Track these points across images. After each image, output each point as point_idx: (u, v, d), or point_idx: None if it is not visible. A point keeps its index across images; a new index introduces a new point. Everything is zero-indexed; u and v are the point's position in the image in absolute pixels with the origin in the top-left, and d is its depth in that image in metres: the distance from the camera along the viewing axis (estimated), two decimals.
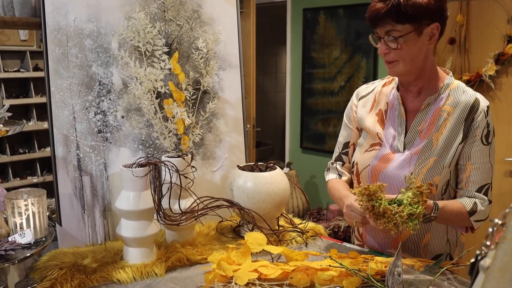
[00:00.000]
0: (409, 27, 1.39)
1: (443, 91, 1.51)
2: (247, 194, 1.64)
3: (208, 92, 1.84)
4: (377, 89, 1.65)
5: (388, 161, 1.54)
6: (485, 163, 1.49)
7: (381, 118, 1.60)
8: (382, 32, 1.43)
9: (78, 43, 1.62)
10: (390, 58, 1.46)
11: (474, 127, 1.47)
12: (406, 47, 1.41)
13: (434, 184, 1.48)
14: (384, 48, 1.44)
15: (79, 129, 1.62)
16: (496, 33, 2.92)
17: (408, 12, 1.36)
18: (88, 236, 1.63)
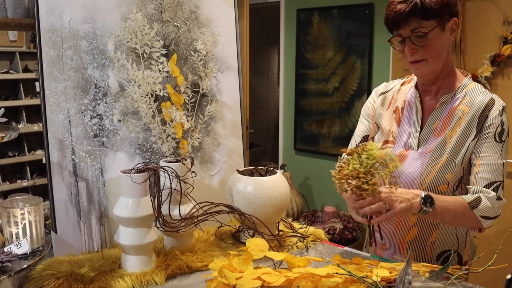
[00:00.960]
0: (433, 23, 1.42)
1: (460, 91, 1.53)
2: (247, 199, 1.60)
3: (206, 95, 1.81)
4: (395, 88, 1.68)
5: (403, 158, 1.56)
6: (496, 160, 1.47)
7: (397, 116, 1.62)
8: (407, 32, 1.44)
9: (73, 45, 1.57)
10: (418, 57, 1.46)
11: (488, 123, 1.48)
12: (434, 43, 1.44)
13: (446, 182, 1.51)
14: (412, 47, 1.45)
15: (75, 133, 1.57)
16: (491, 34, 2.91)
17: (433, 7, 1.40)
18: (84, 244, 1.58)
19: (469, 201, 1.45)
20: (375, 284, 1.22)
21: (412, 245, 1.61)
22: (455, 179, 1.52)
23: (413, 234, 1.60)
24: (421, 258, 1.60)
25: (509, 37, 2.81)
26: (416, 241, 1.60)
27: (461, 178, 1.53)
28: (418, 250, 1.61)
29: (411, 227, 1.60)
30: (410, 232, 1.61)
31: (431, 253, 1.60)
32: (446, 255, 1.59)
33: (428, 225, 1.59)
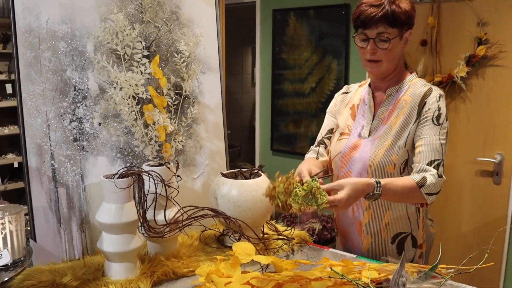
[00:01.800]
0: (396, 31, 1.60)
1: (405, 85, 1.70)
2: (233, 202, 1.58)
3: (188, 97, 1.77)
4: (354, 89, 1.88)
5: (356, 148, 1.72)
6: (435, 140, 1.60)
7: (353, 112, 1.79)
8: (373, 34, 1.61)
9: (51, 46, 1.52)
10: (377, 57, 1.63)
11: (426, 109, 1.62)
12: (393, 48, 1.61)
13: (392, 163, 1.64)
14: (374, 47, 1.62)
15: (54, 137, 1.52)
16: (466, 35, 2.96)
17: (401, 18, 1.58)
18: (65, 251, 1.53)
19: (416, 180, 1.55)
20: (367, 286, 1.21)
21: (368, 228, 1.73)
22: (400, 160, 1.64)
23: (368, 217, 1.72)
24: (378, 242, 1.73)
25: (484, 38, 2.86)
26: (371, 224, 1.72)
27: (406, 160, 1.66)
28: (374, 234, 1.72)
29: (365, 210, 1.72)
30: (365, 214, 1.72)
31: (386, 236, 1.72)
32: (401, 237, 1.72)
33: (380, 206, 1.70)
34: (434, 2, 3.02)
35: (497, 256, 3.01)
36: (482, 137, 3.00)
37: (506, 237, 2.99)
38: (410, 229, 1.72)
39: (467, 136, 3.05)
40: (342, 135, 1.78)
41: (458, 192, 3.12)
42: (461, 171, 3.09)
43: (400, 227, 1.71)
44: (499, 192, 2.98)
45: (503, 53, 2.86)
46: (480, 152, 3.01)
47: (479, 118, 2.99)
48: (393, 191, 1.53)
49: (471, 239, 3.11)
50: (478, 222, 3.07)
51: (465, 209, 3.11)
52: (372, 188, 1.50)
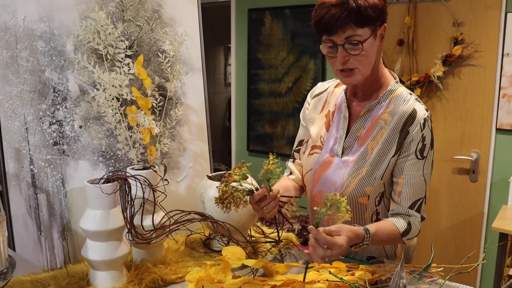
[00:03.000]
0: (368, 31, 1.34)
1: (384, 98, 1.48)
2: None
3: (171, 98, 1.72)
4: (330, 89, 1.64)
5: (327, 166, 1.54)
6: (418, 177, 1.44)
7: (328, 120, 1.59)
8: (340, 39, 1.35)
9: (29, 45, 1.45)
10: (351, 65, 1.39)
11: (408, 140, 1.43)
12: (367, 51, 1.36)
13: (365, 195, 1.48)
14: (345, 54, 1.36)
15: (32, 141, 1.45)
16: (442, 35, 3.00)
17: (369, 14, 1.32)
18: (46, 260, 1.46)
19: (402, 231, 1.45)
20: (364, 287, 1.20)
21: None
22: (375, 193, 1.49)
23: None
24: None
25: (459, 38, 2.90)
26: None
27: (382, 193, 1.51)
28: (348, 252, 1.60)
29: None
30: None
31: (361, 257, 1.61)
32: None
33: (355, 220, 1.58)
34: (410, 2, 3.05)
35: (475, 252, 3.06)
36: (459, 136, 3.04)
37: (483, 234, 3.04)
38: (385, 255, 1.60)
39: (444, 134, 3.09)
40: (314, 149, 1.60)
41: (436, 190, 3.15)
42: (439, 169, 3.13)
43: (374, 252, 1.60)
44: (476, 190, 3.03)
45: (478, 53, 2.91)
46: (457, 150, 3.05)
47: (456, 116, 3.04)
48: (379, 240, 1.40)
49: (448, 236, 3.15)
50: (455, 219, 3.11)
51: (442, 207, 3.15)
52: (362, 238, 1.33)
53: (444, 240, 3.15)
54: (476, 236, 3.06)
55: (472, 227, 3.07)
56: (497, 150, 2.94)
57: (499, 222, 2.53)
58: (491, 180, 2.97)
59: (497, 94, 2.88)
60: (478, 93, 2.95)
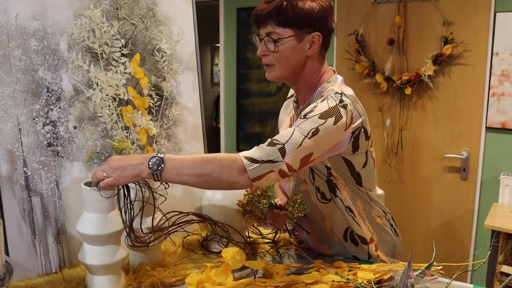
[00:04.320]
0: (289, 31, 1.38)
1: (314, 99, 1.46)
2: (218, 207, 1.52)
3: (166, 97, 1.70)
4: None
5: None
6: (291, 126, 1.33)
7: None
8: (263, 33, 1.42)
9: (21, 43, 1.41)
10: (268, 60, 1.43)
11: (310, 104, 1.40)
12: (284, 51, 1.40)
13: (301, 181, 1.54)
14: (263, 49, 1.42)
15: (26, 143, 1.41)
16: (432, 35, 3.01)
17: (289, 15, 1.36)
18: (41, 265, 1.42)
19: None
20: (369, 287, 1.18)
21: (320, 239, 1.64)
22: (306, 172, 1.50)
23: (314, 232, 1.64)
24: (335, 245, 1.62)
25: (449, 37, 2.91)
26: (320, 235, 1.63)
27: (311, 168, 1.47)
28: (328, 242, 1.62)
29: (308, 226, 1.65)
30: (311, 233, 1.65)
31: (338, 238, 1.60)
32: (349, 232, 1.58)
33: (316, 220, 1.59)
34: (400, 2, 3.06)
35: (466, 249, 3.08)
36: (449, 134, 3.06)
37: (473, 232, 3.06)
38: (350, 225, 1.56)
39: (434, 133, 3.10)
40: None
41: (427, 188, 3.17)
42: (429, 167, 3.15)
43: (343, 224, 1.57)
44: (466, 188, 3.05)
45: (468, 52, 2.93)
46: (448, 148, 3.07)
47: (446, 115, 3.05)
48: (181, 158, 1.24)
49: (439, 234, 3.17)
50: (446, 217, 3.13)
51: (433, 205, 3.17)
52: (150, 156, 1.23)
53: (435, 237, 3.17)
54: (466, 233, 3.08)
55: (462, 224, 3.09)
56: (487, 148, 2.96)
57: (491, 219, 2.54)
58: (482, 178, 3.00)
59: (487, 93, 2.90)
60: (468, 92, 2.97)
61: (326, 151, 1.35)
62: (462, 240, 3.09)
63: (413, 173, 3.20)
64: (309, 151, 1.28)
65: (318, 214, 1.58)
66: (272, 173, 1.25)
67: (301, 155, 1.27)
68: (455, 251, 3.12)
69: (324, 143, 1.31)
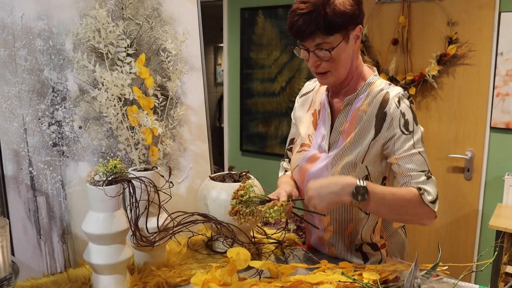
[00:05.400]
0: (338, 37, 1.38)
1: (363, 91, 1.49)
2: (224, 207, 1.52)
3: (171, 97, 1.70)
4: (316, 88, 1.66)
5: (314, 161, 1.54)
6: (411, 151, 1.40)
7: (315, 119, 1.60)
8: (311, 46, 1.39)
9: (27, 43, 1.41)
10: (322, 69, 1.43)
11: (388, 120, 1.42)
12: (337, 56, 1.41)
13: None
14: (315, 60, 1.42)
15: (31, 143, 1.41)
16: (437, 35, 3.00)
17: (336, 23, 1.35)
18: (46, 265, 1.42)
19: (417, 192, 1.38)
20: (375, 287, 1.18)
21: (332, 241, 1.60)
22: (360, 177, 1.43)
23: (330, 234, 1.59)
24: (343, 250, 1.60)
25: (454, 37, 2.90)
26: (336, 236, 1.59)
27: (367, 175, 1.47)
28: (339, 245, 1.60)
29: (326, 228, 1.59)
30: (326, 232, 1.60)
31: (351, 244, 1.58)
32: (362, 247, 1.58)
33: (341, 221, 1.56)
34: (404, 2, 3.05)
35: (470, 249, 3.08)
36: (453, 134, 3.05)
37: (477, 232, 3.06)
38: (370, 238, 1.57)
39: (438, 133, 3.10)
40: (303, 147, 1.60)
41: None
42: (433, 167, 3.11)
43: (366, 233, 1.56)
44: (470, 188, 3.04)
45: (472, 52, 2.92)
46: (452, 148, 3.06)
47: (450, 115, 3.04)
48: (382, 197, 1.34)
49: (443, 234, 3.16)
50: (450, 218, 3.12)
51: None
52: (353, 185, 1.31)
53: (439, 238, 3.16)
54: (471, 234, 3.07)
55: (466, 225, 3.08)
56: (491, 148, 2.95)
57: (495, 220, 2.54)
58: (486, 178, 2.99)
59: (491, 93, 2.89)
60: (473, 92, 2.96)
61: None
62: (466, 241, 3.08)
63: None
64: None
65: (347, 216, 1.54)
66: None
67: None
68: (459, 252, 3.11)
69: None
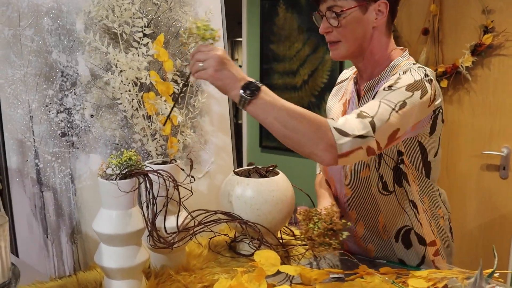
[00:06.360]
0: (352, 3, 1.27)
1: (386, 75, 1.34)
2: (250, 205, 1.37)
3: (191, 84, 1.55)
4: (349, 77, 1.56)
5: None
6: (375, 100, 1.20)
7: (344, 109, 1.50)
8: (324, 9, 1.31)
9: (33, 22, 1.27)
10: (332, 37, 1.33)
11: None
12: (349, 25, 1.29)
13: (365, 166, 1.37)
14: (326, 26, 1.32)
15: (38, 132, 1.28)
16: (470, 24, 2.82)
17: None
18: (53, 267, 1.29)
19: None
20: None
21: (366, 238, 1.48)
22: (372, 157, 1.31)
23: (362, 229, 1.47)
24: (382, 245, 1.47)
25: (490, 26, 2.72)
26: (367, 232, 1.47)
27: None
28: (375, 240, 1.47)
29: (356, 223, 1.47)
30: (358, 227, 1.48)
31: (388, 237, 1.46)
32: (403, 232, 1.44)
33: (370, 215, 1.44)
34: None
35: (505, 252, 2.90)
36: (488, 130, 2.87)
37: None
38: (410, 223, 1.43)
39: (472, 128, 2.92)
40: None
41: (463, 187, 2.98)
42: (466, 165, 2.96)
43: (398, 223, 1.43)
44: (506, 187, 2.86)
45: (510, 42, 2.72)
46: (486, 145, 2.88)
47: (485, 109, 2.86)
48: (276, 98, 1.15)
49: (476, 235, 2.98)
50: (484, 219, 2.94)
51: (470, 205, 2.99)
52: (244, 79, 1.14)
53: (472, 240, 2.98)
54: (506, 235, 2.88)
55: (501, 226, 2.89)
56: None
57: None
58: None
59: None
60: (509, 85, 2.77)
61: (410, 128, 1.23)
62: (501, 243, 2.90)
63: (448, 171, 3.02)
64: (396, 126, 1.17)
65: (374, 208, 1.43)
66: (360, 150, 1.13)
67: (389, 131, 1.16)
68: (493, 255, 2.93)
69: (410, 118, 1.20)
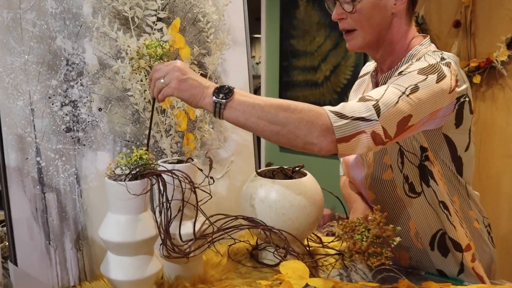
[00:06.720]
0: None
1: (403, 64, 1.24)
2: (275, 209, 1.22)
3: (210, 76, 1.41)
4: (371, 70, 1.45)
5: None
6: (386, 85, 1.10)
7: None
8: None
9: (36, 5, 1.14)
10: (346, 25, 1.23)
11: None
12: (364, 10, 1.19)
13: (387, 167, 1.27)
14: (339, 12, 1.21)
15: (40, 126, 1.15)
16: (506, 15, 2.65)
17: None
18: (56, 277, 1.16)
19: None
20: None
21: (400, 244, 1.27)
22: (394, 157, 1.25)
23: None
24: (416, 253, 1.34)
25: None
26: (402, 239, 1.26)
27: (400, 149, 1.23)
28: (408, 247, 1.34)
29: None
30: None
31: (423, 245, 1.33)
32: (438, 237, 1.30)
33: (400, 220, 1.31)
34: None
35: None
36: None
37: None
38: (443, 228, 1.30)
39: (506, 127, 2.75)
40: None
41: (496, 189, 2.82)
42: (500, 166, 2.79)
43: (432, 227, 1.31)
44: None
45: None
46: None
47: None
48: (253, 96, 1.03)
49: (510, 241, 2.81)
50: None
51: (503, 209, 2.82)
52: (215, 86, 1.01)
53: (506, 246, 2.81)
54: None
55: None
56: None
57: None
58: None
59: None
60: None
61: (427, 116, 1.09)
62: None
63: (480, 173, 2.85)
64: (407, 112, 1.03)
65: (402, 212, 1.30)
66: (363, 135, 1.00)
67: (398, 117, 1.03)
68: None
69: (425, 105, 1.06)
